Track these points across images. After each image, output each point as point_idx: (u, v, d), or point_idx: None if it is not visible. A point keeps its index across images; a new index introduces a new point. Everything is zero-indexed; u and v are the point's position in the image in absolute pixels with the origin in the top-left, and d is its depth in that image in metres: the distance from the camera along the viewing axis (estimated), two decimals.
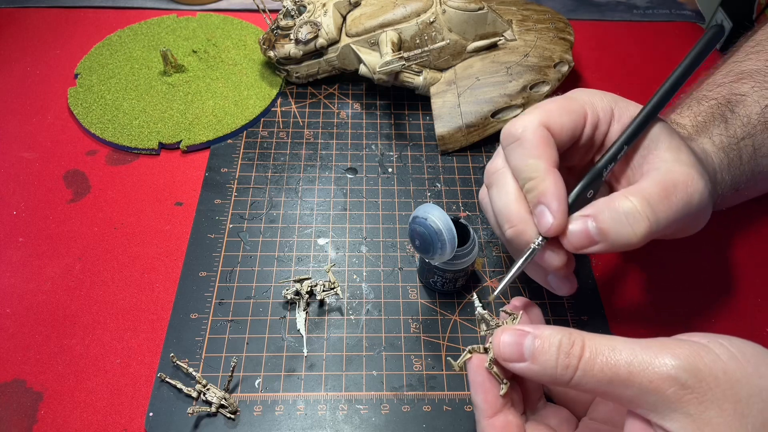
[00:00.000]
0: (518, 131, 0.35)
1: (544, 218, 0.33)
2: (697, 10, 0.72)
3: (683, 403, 0.24)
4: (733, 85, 0.44)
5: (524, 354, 0.28)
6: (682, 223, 0.34)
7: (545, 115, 0.35)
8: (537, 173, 0.33)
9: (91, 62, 0.60)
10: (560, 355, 0.27)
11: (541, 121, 0.35)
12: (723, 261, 0.48)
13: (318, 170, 0.53)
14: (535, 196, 0.33)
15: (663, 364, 0.25)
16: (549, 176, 0.33)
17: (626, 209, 0.32)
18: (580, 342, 0.27)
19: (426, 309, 0.44)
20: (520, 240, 0.35)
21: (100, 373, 0.40)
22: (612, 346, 0.26)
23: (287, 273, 0.46)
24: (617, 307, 0.45)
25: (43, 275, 0.45)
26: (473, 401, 0.30)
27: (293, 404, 0.39)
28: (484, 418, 0.30)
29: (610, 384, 0.26)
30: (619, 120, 0.36)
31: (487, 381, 0.30)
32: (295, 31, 0.55)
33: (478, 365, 0.30)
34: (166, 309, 0.43)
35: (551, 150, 0.34)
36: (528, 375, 0.28)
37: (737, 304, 0.45)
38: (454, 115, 0.54)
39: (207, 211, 0.49)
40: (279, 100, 0.59)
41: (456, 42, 0.55)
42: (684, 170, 0.33)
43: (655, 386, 0.25)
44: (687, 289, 0.46)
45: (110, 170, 0.52)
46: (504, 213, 0.35)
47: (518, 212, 0.34)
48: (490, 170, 0.37)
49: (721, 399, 0.24)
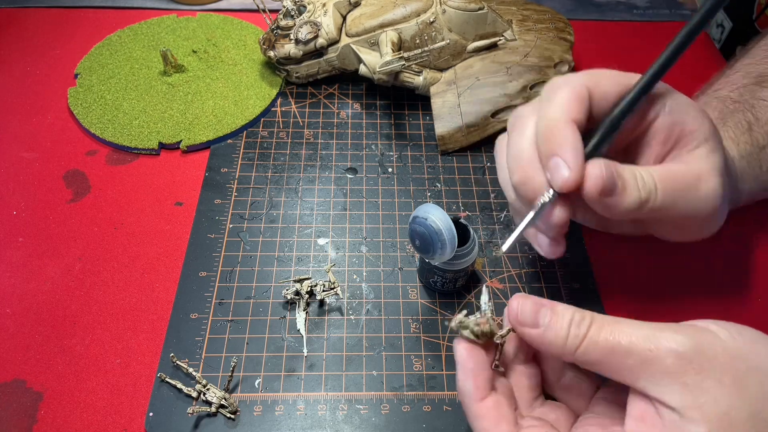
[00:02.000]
0: (559, 83, 0.34)
1: (559, 171, 0.31)
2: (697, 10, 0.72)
3: (681, 373, 0.25)
4: (755, 89, 0.43)
5: (539, 321, 0.29)
6: (684, 217, 0.34)
7: (593, 79, 0.34)
8: (554, 121, 0.32)
9: (91, 62, 0.60)
10: (572, 326, 0.28)
11: (587, 83, 0.34)
12: (724, 261, 0.48)
13: (318, 170, 0.53)
14: (550, 147, 0.32)
15: (664, 336, 0.26)
16: (568, 127, 0.32)
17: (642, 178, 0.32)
18: (589, 317, 0.28)
19: (426, 309, 0.44)
20: (527, 188, 0.33)
21: (100, 373, 0.40)
22: (617, 321, 0.28)
23: (287, 273, 0.46)
24: (617, 307, 0.45)
25: (43, 275, 0.45)
26: (462, 389, 0.30)
27: (293, 404, 0.39)
28: (475, 402, 0.30)
29: (612, 353, 0.27)
30: (669, 112, 0.34)
31: (477, 366, 0.30)
32: (295, 31, 0.55)
33: (468, 351, 0.31)
34: (166, 309, 0.43)
35: (580, 108, 0.33)
36: (539, 341, 0.29)
37: (738, 304, 0.45)
38: (454, 115, 0.54)
39: (207, 211, 0.49)
40: (279, 100, 0.59)
41: (456, 42, 0.55)
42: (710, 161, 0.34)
43: (654, 356, 0.26)
44: (688, 288, 0.46)
45: (110, 170, 0.52)
46: (517, 156, 0.34)
47: (531, 157, 0.33)
48: (516, 113, 0.36)
49: (720, 372, 0.25)
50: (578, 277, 0.46)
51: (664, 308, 0.45)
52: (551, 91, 0.34)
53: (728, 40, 0.77)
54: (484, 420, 0.29)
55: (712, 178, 0.34)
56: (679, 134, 0.34)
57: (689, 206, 0.34)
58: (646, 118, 0.35)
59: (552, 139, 0.32)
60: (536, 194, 0.33)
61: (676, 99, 0.35)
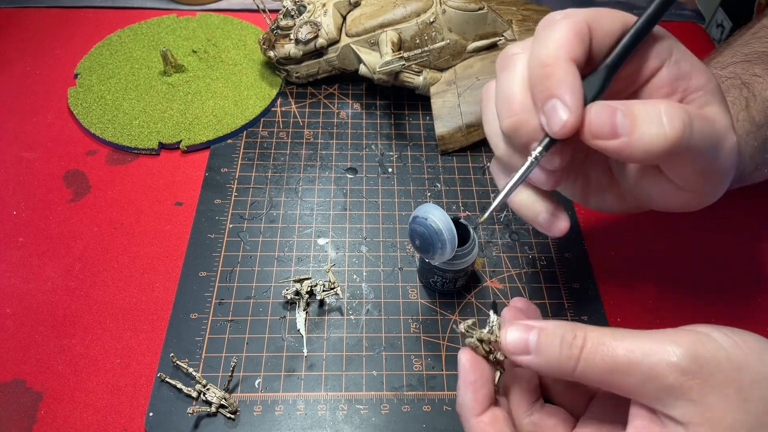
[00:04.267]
0: (557, 17, 0.30)
1: (557, 114, 0.28)
2: (697, 10, 0.72)
3: (685, 389, 0.24)
4: (746, 65, 0.41)
5: (530, 347, 0.28)
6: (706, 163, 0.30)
7: (594, 15, 0.30)
8: (552, 60, 0.28)
9: (91, 62, 0.60)
10: (563, 347, 0.27)
11: (586, 18, 0.29)
12: (725, 261, 0.48)
13: (318, 170, 0.53)
14: (546, 88, 0.28)
15: (664, 351, 0.25)
16: (567, 66, 0.28)
17: (665, 106, 0.27)
18: (582, 334, 0.27)
19: (426, 309, 0.44)
20: (520, 134, 0.30)
21: (100, 373, 0.40)
22: (613, 336, 0.26)
23: (287, 273, 0.46)
24: (617, 308, 0.45)
25: (43, 275, 0.45)
26: (461, 401, 0.30)
27: (293, 404, 0.39)
28: (473, 417, 0.29)
29: (612, 373, 0.26)
30: (676, 63, 0.30)
31: (479, 380, 0.30)
32: (295, 31, 0.55)
33: (471, 363, 0.30)
34: (166, 309, 0.43)
35: (580, 47, 0.29)
36: (533, 367, 0.28)
37: (739, 304, 0.45)
38: (454, 115, 0.54)
39: (207, 211, 0.49)
40: (279, 100, 0.59)
41: (456, 42, 0.55)
42: (728, 119, 0.30)
43: (655, 373, 0.25)
44: (688, 288, 0.46)
45: (110, 170, 0.52)
46: (507, 99, 0.30)
47: (523, 100, 0.30)
48: (506, 52, 0.32)
49: (723, 384, 0.24)
50: (578, 277, 0.46)
51: (664, 308, 0.45)
52: (547, 26, 0.30)
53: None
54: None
55: (728, 123, 0.30)
56: (685, 89, 0.31)
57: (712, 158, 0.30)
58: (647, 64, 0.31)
59: (549, 78, 0.28)
60: (530, 141, 0.30)
61: (681, 49, 0.31)
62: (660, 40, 0.31)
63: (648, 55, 0.31)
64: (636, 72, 0.31)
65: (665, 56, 0.30)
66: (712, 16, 0.95)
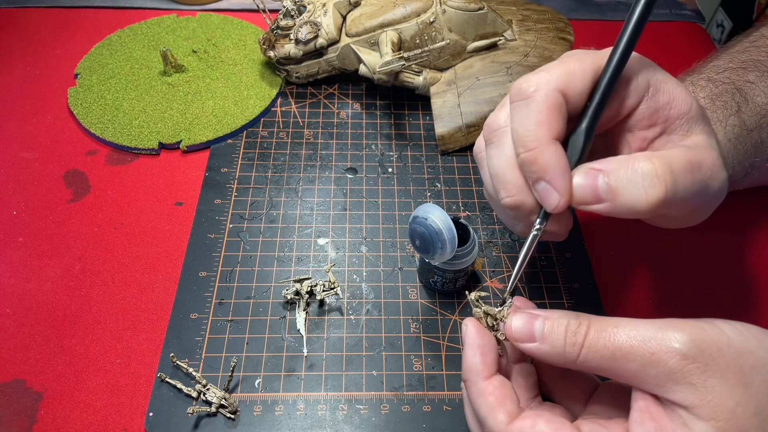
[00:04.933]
0: (530, 90, 0.31)
1: (550, 197, 0.30)
2: (697, 10, 0.72)
3: (686, 373, 0.25)
4: (741, 72, 0.42)
5: (535, 335, 0.29)
6: (693, 205, 0.31)
7: (564, 79, 0.31)
8: (536, 143, 0.30)
9: (91, 62, 0.60)
10: (568, 335, 0.28)
11: (558, 86, 0.31)
12: (725, 260, 0.48)
13: (318, 170, 0.53)
14: (535, 171, 0.30)
15: (665, 336, 0.25)
16: (549, 148, 0.30)
17: (645, 170, 0.28)
18: (586, 322, 0.28)
19: (426, 309, 0.44)
20: (518, 212, 0.33)
21: (100, 373, 0.40)
22: (616, 323, 0.27)
23: (287, 273, 0.46)
24: (617, 307, 0.45)
25: (43, 275, 0.45)
26: (468, 365, 0.30)
27: (293, 404, 0.39)
28: (482, 379, 0.30)
29: (613, 358, 0.26)
30: (654, 95, 0.31)
31: (487, 345, 0.30)
32: (295, 31, 0.55)
33: (478, 330, 0.31)
34: (166, 309, 0.43)
35: (559, 121, 0.31)
36: (538, 354, 0.29)
37: (740, 303, 0.45)
38: (454, 115, 0.54)
39: (207, 211, 0.49)
40: (279, 100, 0.59)
41: (456, 42, 0.55)
42: (714, 155, 0.31)
43: (657, 358, 0.25)
44: (689, 288, 0.46)
45: (110, 170, 0.52)
46: (502, 179, 0.32)
47: (517, 181, 0.32)
48: (491, 125, 0.34)
49: (725, 369, 0.25)
50: (578, 277, 0.46)
51: (664, 308, 0.45)
52: (522, 100, 0.31)
53: (728, 40, 0.77)
54: (489, 396, 0.29)
55: (716, 161, 0.31)
56: (666, 119, 0.32)
57: (700, 200, 0.31)
58: (625, 104, 0.32)
59: (536, 162, 0.30)
60: (531, 214, 0.32)
61: (659, 79, 0.32)
62: (635, 76, 0.32)
63: (625, 95, 0.32)
64: (616, 112, 0.32)
65: (642, 91, 0.32)
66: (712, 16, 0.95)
